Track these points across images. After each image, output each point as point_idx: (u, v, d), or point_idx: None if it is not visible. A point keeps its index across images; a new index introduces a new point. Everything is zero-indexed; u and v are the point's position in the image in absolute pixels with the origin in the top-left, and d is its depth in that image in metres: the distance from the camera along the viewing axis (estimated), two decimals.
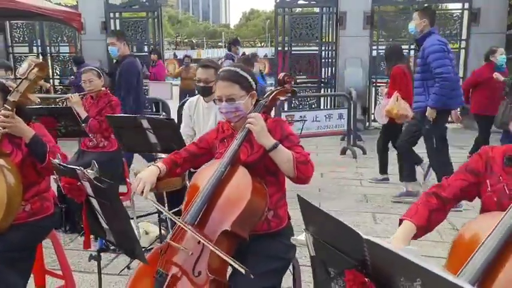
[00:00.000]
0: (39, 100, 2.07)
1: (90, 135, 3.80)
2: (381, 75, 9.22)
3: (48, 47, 10.15)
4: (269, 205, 1.95)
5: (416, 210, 1.61)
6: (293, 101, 9.22)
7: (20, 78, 2.08)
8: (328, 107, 8.99)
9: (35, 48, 10.33)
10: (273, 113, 5.63)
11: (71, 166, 1.67)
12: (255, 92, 2.00)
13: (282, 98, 2.04)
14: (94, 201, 1.66)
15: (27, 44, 10.31)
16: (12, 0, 7.00)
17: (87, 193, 1.67)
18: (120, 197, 3.95)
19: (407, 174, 4.54)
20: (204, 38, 44.81)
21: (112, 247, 3.28)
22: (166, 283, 1.73)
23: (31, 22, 9.90)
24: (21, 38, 10.15)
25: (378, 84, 9.21)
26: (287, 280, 2.18)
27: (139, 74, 4.73)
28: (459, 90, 4.29)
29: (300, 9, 9.32)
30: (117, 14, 9.60)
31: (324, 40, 9.28)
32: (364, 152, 6.57)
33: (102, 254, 3.16)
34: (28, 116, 2.23)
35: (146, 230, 3.29)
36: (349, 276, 1.05)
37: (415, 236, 1.59)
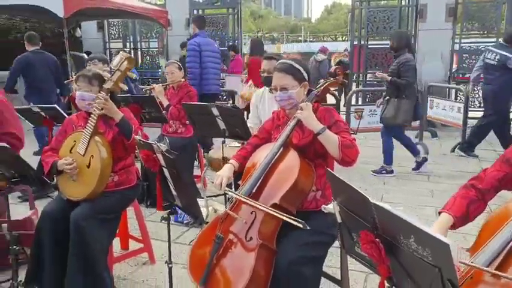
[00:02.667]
0: (126, 88, 2.45)
1: (170, 121, 4.26)
2: (464, 70, 8.81)
3: (139, 43, 11.08)
4: (318, 185, 2.17)
5: (454, 202, 1.71)
6: (368, 96, 9.16)
7: (113, 70, 2.49)
8: None
9: (128, 44, 11.34)
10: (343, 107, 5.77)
11: (148, 141, 2.02)
12: (307, 82, 2.21)
13: (333, 89, 2.22)
14: (166, 171, 2.00)
15: (121, 40, 11.34)
16: (110, 1, 7.84)
17: (160, 164, 2.01)
18: (195, 179, 4.45)
19: None
20: (284, 33, 45.10)
21: (185, 221, 3.71)
22: (223, 245, 2.02)
23: (125, 20, 10.89)
24: (116, 35, 11.19)
25: (460, 80, 8.82)
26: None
27: None
28: (208, 80, 5.61)
29: (378, 1, 9.17)
30: (200, 11, 10.19)
31: None
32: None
33: (176, 227, 3.62)
34: (118, 101, 2.66)
35: (215, 208, 3.65)
36: (362, 235, 1.24)
37: (454, 226, 1.68)
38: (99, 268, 2.47)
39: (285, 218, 1.85)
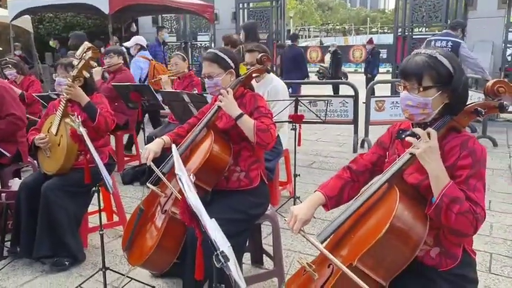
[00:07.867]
0: (88, 74, 2.71)
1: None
2: None
3: (188, 37, 11.58)
4: (242, 167, 2.28)
5: (329, 182, 1.77)
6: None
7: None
8: None
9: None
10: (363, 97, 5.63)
11: (76, 121, 2.27)
12: (232, 70, 2.31)
13: (255, 75, 2.31)
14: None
15: (174, 34, 11.92)
16: None
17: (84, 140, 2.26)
18: None
19: None
20: (352, 24, 43.83)
21: None
22: (143, 216, 2.23)
23: (178, 15, 11.43)
24: (169, 30, 11.78)
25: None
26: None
27: None
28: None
29: None
30: (245, 5, 10.41)
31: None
32: (495, 144, 6.06)
33: None
34: (91, 88, 2.95)
35: None
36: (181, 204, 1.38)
37: (327, 207, 1.74)
38: (64, 234, 2.79)
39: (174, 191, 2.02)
